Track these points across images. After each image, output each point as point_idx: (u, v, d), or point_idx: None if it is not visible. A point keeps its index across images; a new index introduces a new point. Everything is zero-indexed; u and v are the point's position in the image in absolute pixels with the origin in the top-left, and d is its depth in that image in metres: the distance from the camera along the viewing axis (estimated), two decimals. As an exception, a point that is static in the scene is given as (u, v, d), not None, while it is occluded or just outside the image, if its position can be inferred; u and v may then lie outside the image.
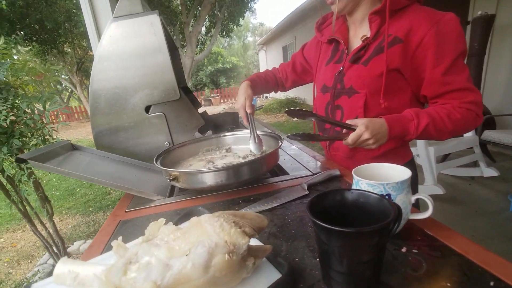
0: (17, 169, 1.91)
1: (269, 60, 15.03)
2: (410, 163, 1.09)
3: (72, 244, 2.68)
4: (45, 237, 2.15)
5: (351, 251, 0.47)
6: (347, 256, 0.47)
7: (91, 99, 1.22)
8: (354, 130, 0.88)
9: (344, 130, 0.91)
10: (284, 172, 1.14)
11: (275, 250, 0.63)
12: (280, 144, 1.03)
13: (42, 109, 1.89)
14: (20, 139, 1.88)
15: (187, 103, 1.31)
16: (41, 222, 2.15)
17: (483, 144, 3.25)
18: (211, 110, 12.70)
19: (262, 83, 1.30)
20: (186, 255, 0.45)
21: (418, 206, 0.83)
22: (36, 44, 7.71)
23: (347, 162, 1.10)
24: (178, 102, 1.29)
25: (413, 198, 0.62)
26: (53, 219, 3.30)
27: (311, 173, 1.07)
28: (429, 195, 0.62)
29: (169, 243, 0.47)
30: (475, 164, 3.24)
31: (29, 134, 1.92)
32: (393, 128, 0.87)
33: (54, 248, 2.20)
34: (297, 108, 0.87)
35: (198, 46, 10.15)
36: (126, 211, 0.95)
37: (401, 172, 0.66)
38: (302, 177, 1.05)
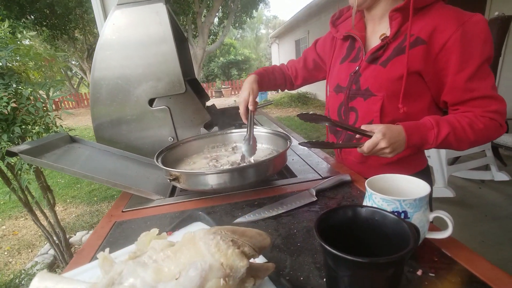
0: (18, 157, 1.88)
1: (281, 54, 14.84)
2: (425, 171, 1.02)
3: (75, 234, 2.68)
4: (46, 227, 2.13)
5: (362, 281, 0.41)
6: (358, 286, 0.41)
7: (92, 89, 1.17)
8: (369, 136, 0.81)
9: (358, 136, 0.84)
10: (292, 174, 1.08)
11: (278, 266, 0.57)
12: (288, 145, 0.96)
13: (45, 96, 1.86)
14: (22, 127, 1.85)
15: (193, 97, 1.25)
16: (42, 212, 2.13)
17: (495, 148, 3.19)
18: (222, 102, 12.64)
19: (269, 79, 1.22)
20: (176, 278, 0.39)
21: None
22: (46, 29, 7.69)
23: (358, 167, 1.03)
24: (184, 96, 1.23)
25: (431, 216, 0.55)
26: (57, 208, 3.32)
27: (320, 177, 1.01)
28: (439, 197, 0.56)
29: (157, 263, 0.42)
30: (486, 167, 3.17)
31: (31, 122, 1.89)
32: (412, 137, 0.80)
33: (55, 239, 2.18)
34: (311, 112, 0.79)
35: (210, 37, 10.06)
36: (123, 211, 0.90)
37: (419, 187, 0.59)
38: (311, 181, 0.98)
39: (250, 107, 1.05)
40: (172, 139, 1.27)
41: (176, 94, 1.22)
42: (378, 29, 0.95)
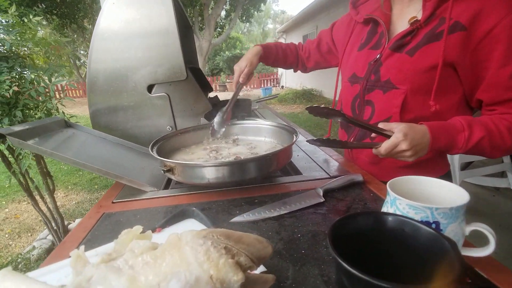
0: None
1: (288, 49, 14.64)
2: (446, 177, 0.93)
3: (74, 221, 2.64)
4: (45, 212, 2.09)
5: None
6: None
7: (89, 74, 1.10)
8: (387, 136, 0.72)
9: (373, 135, 0.75)
10: (297, 172, 1.00)
11: (278, 277, 0.49)
12: (294, 139, 0.89)
13: (48, 82, 1.80)
14: (26, 112, 1.80)
15: (195, 86, 1.17)
16: (42, 197, 2.09)
17: (513, 154, 3.04)
18: (226, 96, 12.51)
19: (278, 54, 1.16)
20: (153, 291, 0.32)
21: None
22: (56, 17, 7.69)
23: (370, 168, 0.94)
24: (185, 83, 1.16)
25: (468, 229, 0.47)
26: (58, 194, 3.29)
27: (328, 176, 0.93)
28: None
29: (134, 269, 0.35)
30: (502, 174, 3.02)
31: (33, 106, 1.84)
32: (438, 139, 0.71)
33: (54, 224, 2.14)
34: (322, 106, 0.70)
35: (217, 30, 9.95)
36: (113, 202, 0.84)
37: (454, 193, 0.51)
38: (318, 180, 0.90)
39: (241, 79, 1.01)
40: (171, 128, 1.20)
41: (177, 81, 1.14)
42: (406, 12, 0.84)
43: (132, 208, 0.79)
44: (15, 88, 1.61)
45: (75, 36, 10.02)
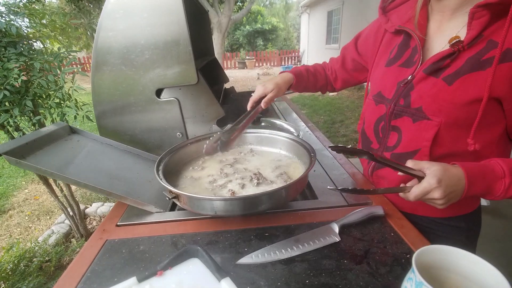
0: (34, 129, 1.83)
1: (311, 25, 14.01)
2: (476, 213, 0.84)
3: (91, 205, 2.70)
4: (61, 199, 2.13)
5: None
6: None
7: (93, 71, 1.03)
8: (415, 176, 0.63)
9: (400, 173, 0.66)
10: (312, 193, 0.93)
11: None
12: (312, 163, 0.80)
13: (58, 70, 1.76)
14: (38, 100, 1.78)
15: (206, 90, 1.10)
16: (57, 185, 2.13)
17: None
18: (245, 74, 12.29)
19: (309, 80, 1.06)
20: None
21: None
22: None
23: (393, 196, 0.86)
24: (196, 87, 1.08)
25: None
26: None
27: (346, 203, 0.85)
28: None
29: None
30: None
31: (44, 95, 1.81)
32: (474, 186, 0.61)
33: (70, 210, 2.19)
34: (349, 146, 0.62)
35: (237, 4, 9.57)
36: (117, 225, 0.80)
37: (489, 275, 0.43)
38: (334, 208, 0.83)
39: (263, 105, 0.92)
40: (181, 135, 1.14)
41: (187, 85, 1.07)
42: (446, 26, 0.72)
43: (136, 236, 0.75)
44: (24, 77, 1.57)
45: (91, 6, 9.89)
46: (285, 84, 0.94)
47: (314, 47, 13.61)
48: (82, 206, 2.57)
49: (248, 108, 0.93)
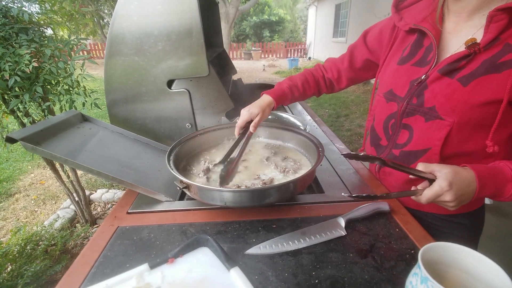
0: (43, 115, 1.85)
1: (318, 18, 13.85)
2: (480, 211, 0.85)
3: (96, 192, 2.73)
4: (67, 184, 2.16)
5: None
6: None
7: (106, 64, 1.05)
8: (426, 179, 0.64)
9: (411, 176, 0.67)
10: (319, 187, 0.94)
11: None
12: (319, 159, 0.82)
13: (68, 57, 1.77)
14: (47, 86, 1.80)
15: (217, 82, 1.10)
16: (64, 171, 2.16)
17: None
18: (250, 65, 12.21)
19: (294, 95, 1.02)
20: None
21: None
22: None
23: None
24: (206, 79, 1.09)
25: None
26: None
27: (351, 197, 0.86)
28: None
29: None
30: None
31: (53, 82, 1.83)
32: (485, 189, 0.62)
33: (75, 196, 2.23)
34: (361, 154, 0.63)
35: (245, -6, 9.46)
36: (128, 212, 0.82)
37: (491, 273, 0.44)
38: (340, 203, 0.85)
39: (251, 129, 0.90)
40: (190, 126, 1.16)
41: (198, 77, 1.08)
42: (462, 28, 0.71)
43: (146, 223, 0.77)
44: (35, 64, 1.59)
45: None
46: (268, 107, 0.93)
47: (320, 40, 13.49)
48: (87, 192, 2.61)
49: (236, 134, 0.92)
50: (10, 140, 0.76)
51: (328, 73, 1.07)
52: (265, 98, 0.95)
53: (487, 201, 2.70)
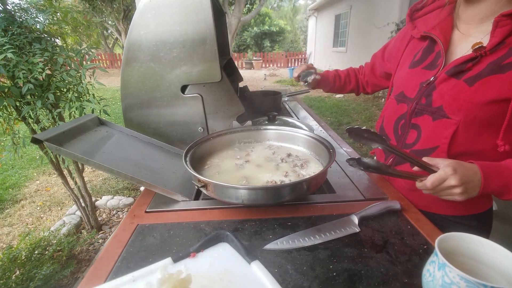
0: (52, 122, 1.89)
1: (318, 28, 14.07)
2: (488, 214, 0.87)
3: (101, 198, 2.75)
4: (74, 190, 2.19)
5: None
6: None
7: (123, 70, 1.09)
8: (431, 171, 0.67)
9: (415, 168, 0.70)
10: (330, 188, 0.97)
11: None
12: (331, 159, 0.85)
13: (79, 65, 1.81)
14: (57, 94, 1.84)
15: (229, 87, 1.14)
16: (71, 176, 2.18)
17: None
18: (252, 74, 12.35)
19: (335, 85, 1.23)
20: None
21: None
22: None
23: (407, 193, 0.90)
24: (219, 85, 1.13)
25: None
26: (86, 169, 3.42)
27: (363, 198, 0.89)
28: None
29: None
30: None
31: (64, 89, 1.87)
32: (491, 182, 0.65)
33: (82, 201, 2.24)
34: (363, 128, 0.64)
35: (247, 6, 9.64)
36: (146, 211, 0.85)
37: (506, 260, 0.47)
38: (352, 202, 0.87)
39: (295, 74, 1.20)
40: (202, 130, 1.19)
41: (211, 82, 1.11)
42: (471, 33, 0.76)
43: (165, 221, 0.79)
44: (48, 71, 1.63)
45: (104, 6, 10.02)
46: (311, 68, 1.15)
47: (321, 50, 13.67)
48: (92, 199, 2.62)
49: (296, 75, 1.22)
50: (36, 141, 0.79)
51: (360, 76, 1.19)
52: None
53: (494, 207, 2.70)
